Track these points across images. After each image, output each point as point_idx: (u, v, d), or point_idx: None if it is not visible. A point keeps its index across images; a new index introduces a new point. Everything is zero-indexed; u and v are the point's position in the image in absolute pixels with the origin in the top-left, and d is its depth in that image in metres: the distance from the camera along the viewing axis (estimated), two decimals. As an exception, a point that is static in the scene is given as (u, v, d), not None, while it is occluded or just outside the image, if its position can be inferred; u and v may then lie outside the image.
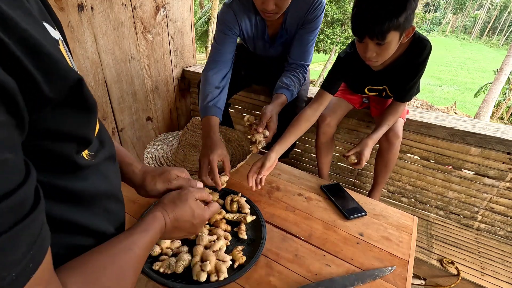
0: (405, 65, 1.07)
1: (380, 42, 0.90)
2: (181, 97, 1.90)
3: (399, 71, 1.09)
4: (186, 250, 0.75)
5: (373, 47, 0.94)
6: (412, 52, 1.04)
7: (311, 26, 1.17)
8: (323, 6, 1.15)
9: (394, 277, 0.73)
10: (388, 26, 0.86)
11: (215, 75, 1.15)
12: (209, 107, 1.07)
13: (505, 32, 52.67)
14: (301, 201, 0.99)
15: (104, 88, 1.37)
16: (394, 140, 1.21)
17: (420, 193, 1.48)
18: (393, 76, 1.13)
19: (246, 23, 1.20)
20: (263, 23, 1.21)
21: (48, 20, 0.32)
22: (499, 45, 45.58)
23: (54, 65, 0.27)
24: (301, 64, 1.23)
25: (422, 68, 1.06)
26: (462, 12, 61.49)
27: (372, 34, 0.89)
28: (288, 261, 0.75)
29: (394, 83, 1.17)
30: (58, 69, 0.27)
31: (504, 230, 1.38)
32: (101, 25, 1.26)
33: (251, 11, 1.16)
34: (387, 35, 0.88)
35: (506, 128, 1.29)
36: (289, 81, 1.17)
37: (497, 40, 50.73)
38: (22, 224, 0.23)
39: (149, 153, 1.16)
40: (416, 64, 1.05)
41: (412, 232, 0.89)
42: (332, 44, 12.23)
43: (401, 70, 1.09)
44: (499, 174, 1.28)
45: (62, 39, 0.37)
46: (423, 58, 1.03)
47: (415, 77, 1.07)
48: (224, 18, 1.17)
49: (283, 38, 1.25)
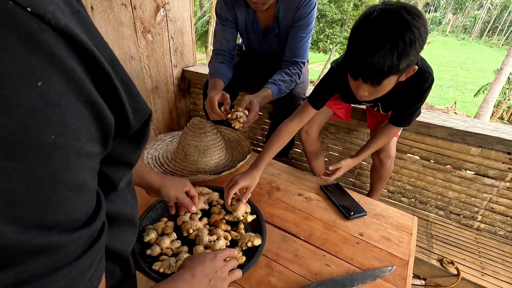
0: (404, 94, 0.99)
1: (375, 85, 0.81)
2: (181, 97, 1.90)
3: (397, 99, 1.03)
4: (186, 250, 0.75)
5: (366, 87, 0.84)
6: (412, 83, 0.93)
7: (303, 24, 1.18)
8: (313, 4, 1.16)
9: (394, 277, 0.73)
10: (386, 73, 0.76)
11: (218, 57, 1.29)
12: (215, 72, 1.23)
13: (505, 32, 52.67)
14: (301, 201, 0.99)
15: (104, 88, 1.37)
16: (385, 160, 1.21)
17: (420, 193, 1.48)
18: (390, 102, 1.08)
19: (238, 13, 1.24)
20: (254, 14, 1.24)
21: None
22: (499, 45, 45.59)
23: (139, 102, 0.29)
24: (295, 61, 1.24)
25: (422, 99, 0.98)
26: (462, 12, 61.50)
27: (367, 79, 0.80)
28: (288, 261, 0.75)
29: (391, 107, 1.13)
30: (140, 104, 0.30)
31: (504, 230, 1.38)
32: (101, 25, 1.26)
33: (242, 2, 1.20)
34: (383, 80, 0.79)
35: (506, 128, 1.29)
36: (279, 77, 1.20)
37: (497, 40, 50.74)
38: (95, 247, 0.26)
39: (149, 153, 1.16)
40: (415, 94, 0.97)
41: (412, 232, 0.89)
42: (332, 44, 12.23)
43: (399, 98, 1.02)
44: (499, 174, 1.28)
45: None
46: (423, 90, 0.95)
47: (413, 106, 1.01)
48: (218, 10, 1.26)
49: (275, 31, 1.27)
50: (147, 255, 0.73)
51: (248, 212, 0.87)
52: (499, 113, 11.98)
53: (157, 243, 0.75)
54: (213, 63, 1.28)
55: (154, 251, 0.73)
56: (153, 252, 0.73)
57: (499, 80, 8.27)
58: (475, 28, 56.25)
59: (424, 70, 0.91)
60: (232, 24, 1.27)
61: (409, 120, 1.07)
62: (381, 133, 1.12)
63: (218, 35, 1.30)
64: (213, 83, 1.20)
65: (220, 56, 1.29)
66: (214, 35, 1.33)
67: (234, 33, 1.30)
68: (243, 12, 1.24)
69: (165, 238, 0.76)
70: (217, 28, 1.29)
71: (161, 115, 1.78)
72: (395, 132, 1.12)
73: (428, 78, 0.92)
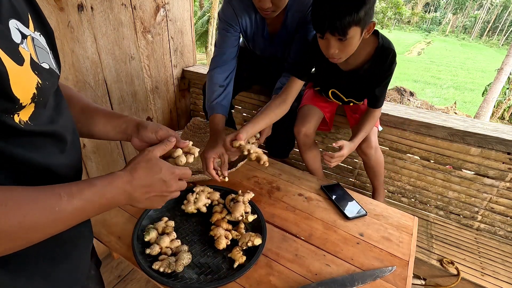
0: (371, 73, 1.07)
1: (342, 37, 0.89)
2: (181, 97, 1.90)
3: (365, 78, 1.09)
4: (186, 249, 0.75)
5: (335, 43, 0.92)
6: (377, 60, 1.04)
7: (309, 28, 1.17)
8: None
9: (394, 277, 0.73)
10: (348, 20, 0.85)
11: (219, 75, 1.17)
12: (214, 105, 1.11)
13: (505, 32, 52.68)
14: (301, 201, 0.99)
15: (104, 88, 1.37)
16: (368, 151, 1.22)
17: (420, 193, 1.48)
18: (359, 81, 1.12)
19: (246, 19, 1.21)
20: (263, 20, 1.22)
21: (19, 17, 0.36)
22: (499, 45, 45.59)
23: None
24: None
25: (389, 74, 1.07)
26: (462, 12, 61.51)
27: (333, 29, 0.88)
28: (288, 261, 0.75)
29: (363, 94, 1.17)
30: None
31: (504, 230, 1.38)
32: (101, 25, 1.26)
33: (251, 8, 1.17)
34: (348, 30, 0.87)
35: (506, 128, 1.29)
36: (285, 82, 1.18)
37: (497, 40, 50.74)
38: None
39: (149, 153, 1.15)
40: (382, 72, 1.06)
41: (413, 233, 0.89)
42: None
43: (367, 77, 1.09)
44: (499, 174, 1.28)
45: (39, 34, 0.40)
46: (388, 65, 1.04)
47: (381, 83, 1.08)
48: (224, 15, 1.19)
49: (283, 36, 1.25)
50: (147, 254, 0.73)
51: (248, 212, 0.87)
52: (500, 113, 11.97)
53: (157, 242, 0.75)
54: (213, 86, 1.16)
55: (154, 250, 0.73)
56: (153, 251, 0.73)
57: (499, 80, 8.26)
58: (475, 28, 56.26)
59: (385, 47, 1.02)
60: (238, 31, 1.22)
61: (381, 101, 1.13)
62: (364, 118, 1.16)
63: (221, 42, 1.21)
64: (213, 122, 1.09)
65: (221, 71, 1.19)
66: (217, 44, 1.24)
67: (237, 40, 1.24)
68: (252, 18, 1.21)
69: (165, 238, 0.76)
70: (221, 35, 1.21)
71: (161, 115, 1.78)
72: (376, 114, 1.16)
73: (390, 53, 1.02)
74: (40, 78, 0.37)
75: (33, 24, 0.40)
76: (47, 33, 0.43)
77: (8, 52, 0.33)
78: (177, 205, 0.91)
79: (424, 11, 68.46)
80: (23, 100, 0.35)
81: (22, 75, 0.35)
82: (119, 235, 0.81)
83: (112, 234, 0.81)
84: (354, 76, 1.11)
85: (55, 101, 0.46)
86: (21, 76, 0.34)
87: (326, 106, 1.35)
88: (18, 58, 0.34)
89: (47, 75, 0.39)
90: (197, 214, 0.89)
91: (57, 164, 0.44)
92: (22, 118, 0.37)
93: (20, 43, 0.35)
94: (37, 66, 0.37)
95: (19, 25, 0.35)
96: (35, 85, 0.37)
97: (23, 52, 0.35)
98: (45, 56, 0.40)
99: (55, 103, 0.46)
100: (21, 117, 0.37)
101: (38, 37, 0.40)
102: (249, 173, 1.11)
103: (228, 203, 0.92)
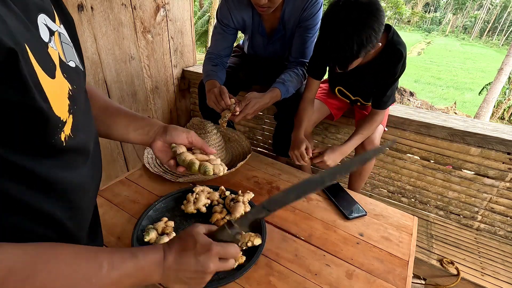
0: (376, 71, 1.06)
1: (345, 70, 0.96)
2: (181, 97, 1.90)
3: (369, 76, 1.09)
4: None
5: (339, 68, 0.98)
6: (383, 58, 1.02)
7: (309, 24, 1.17)
8: (319, 4, 1.16)
9: (394, 277, 0.73)
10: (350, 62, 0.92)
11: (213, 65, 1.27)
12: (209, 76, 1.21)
13: (505, 32, 52.68)
14: (301, 201, 0.99)
15: (104, 88, 1.37)
16: (369, 147, 1.20)
17: (420, 193, 1.48)
18: (363, 79, 1.12)
19: (242, 17, 1.23)
20: (259, 17, 1.23)
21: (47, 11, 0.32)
22: (499, 45, 45.58)
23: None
24: (301, 61, 1.24)
25: (396, 74, 1.04)
26: (462, 12, 61.51)
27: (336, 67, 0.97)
28: (288, 261, 0.75)
29: (365, 87, 1.16)
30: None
31: (504, 230, 1.38)
32: (101, 25, 1.26)
33: (248, 5, 1.18)
34: (349, 65, 0.94)
35: (506, 128, 1.29)
36: (287, 77, 1.19)
37: (497, 40, 50.73)
38: None
39: (149, 153, 1.16)
40: (386, 71, 1.04)
41: (412, 233, 0.89)
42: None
43: (371, 75, 1.08)
44: (499, 174, 1.28)
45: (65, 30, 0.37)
46: (393, 65, 1.02)
47: (384, 83, 1.06)
48: (220, 13, 1.23)
49: (280, 33, 1.26)
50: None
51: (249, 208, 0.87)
52: (500, 113, 11.97)
53: (157, 242, 0.75)
54: (207, 66, 1.26)
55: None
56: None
57: (499, 80, 8.26)
58: (475, 28, 56.25)
59: (394, 45, 1.00)
60: (232, 30, 1.25)
61: (385, 102, 1.11)
62: (365, 120, 1.15)
63: (215, 40, 1.28)
64: (212, 84, 1.19)
65: (213, 61, 1.27)
66: (211, 38, 1.30)
67: (232, 40, 1.28)
68: (249, 15, 1.22)
69: (165, 238, 0.76)
70: (216, 33, 1.27)
71: (161, 115, 1.78)
72: (379, 118, 1.13)
73: (397, 54, 1.00)
74: (69, 82, 0.35)
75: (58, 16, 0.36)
76: (69, 24, 0.40)
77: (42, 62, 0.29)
78: (176, 205, 0.91)
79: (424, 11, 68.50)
80: (63, 117, 0.33)
81: (56, 89, 0.32)
82: (118, 235, 0.81)
83: (112, 235, 0.81)
84: (358, 73, 1.09)
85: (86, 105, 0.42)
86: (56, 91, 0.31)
87: (335, 104, 1.35)
88: (49, 67, 0.30)
89: (74, 76, 0.36)
90: (197, 214, 0.89)
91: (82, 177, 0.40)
92: (66, 133, 0.34)
93: (48, 41, 0.32)
94: (65, 67, 0.34)
95: (47, 20, 0.32)
96: (67, 94, 0.34)
97: (52, 53, 0.32)
98: (70, 52, 0.37)
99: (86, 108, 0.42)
100: (65, 132, 0.34)
101: (63, 32, 0.36)
102: (249, 173, 1.11)
103: (228, 203, 0.92)
